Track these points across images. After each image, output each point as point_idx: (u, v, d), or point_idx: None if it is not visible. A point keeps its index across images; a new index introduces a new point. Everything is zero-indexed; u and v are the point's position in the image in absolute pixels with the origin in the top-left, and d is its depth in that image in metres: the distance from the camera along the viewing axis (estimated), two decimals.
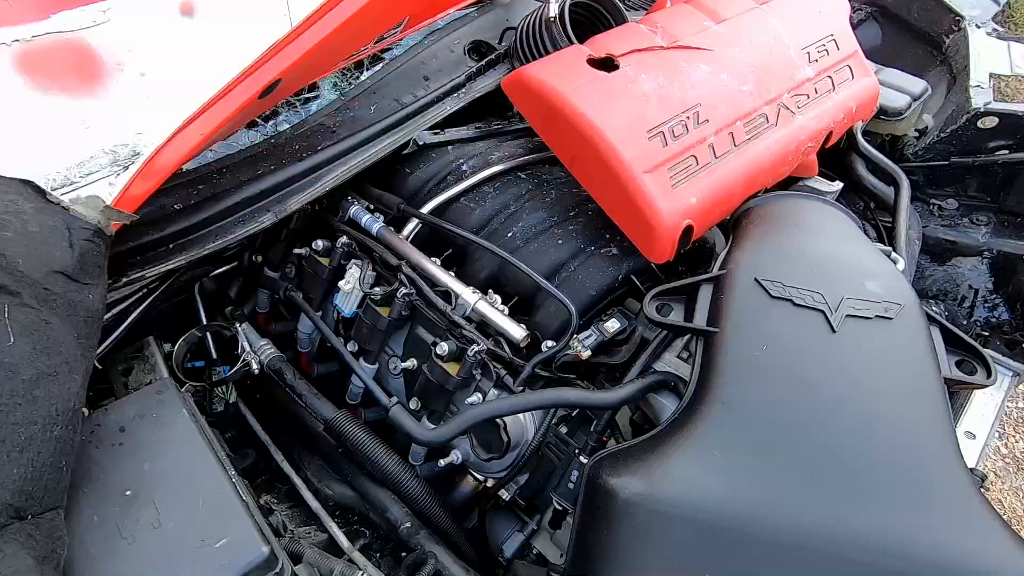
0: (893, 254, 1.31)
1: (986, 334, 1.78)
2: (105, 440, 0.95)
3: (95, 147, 1.17)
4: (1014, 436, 3.15)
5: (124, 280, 1.25)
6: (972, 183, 1.80)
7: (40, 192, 0.98)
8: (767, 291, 1.06)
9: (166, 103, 1.17)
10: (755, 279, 1.08)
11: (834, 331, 1.00)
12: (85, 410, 1.01)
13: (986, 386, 1.06)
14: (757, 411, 0.94)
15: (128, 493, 0.88)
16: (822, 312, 1.02)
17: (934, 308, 1.81)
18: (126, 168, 1.12)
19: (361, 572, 1.05)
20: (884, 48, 2.17)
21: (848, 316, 1.02)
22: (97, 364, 1.24)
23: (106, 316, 1.30)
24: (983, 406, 1.72)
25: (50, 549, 0.75)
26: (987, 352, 1.07)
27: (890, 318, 1.02)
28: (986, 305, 1.81)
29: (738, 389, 0.96)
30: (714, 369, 0.99)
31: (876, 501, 0.86)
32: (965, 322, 1.81)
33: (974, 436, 1.57)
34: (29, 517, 0.73)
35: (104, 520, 0.85)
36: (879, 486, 0.87)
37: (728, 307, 1.06)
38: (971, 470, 0.93)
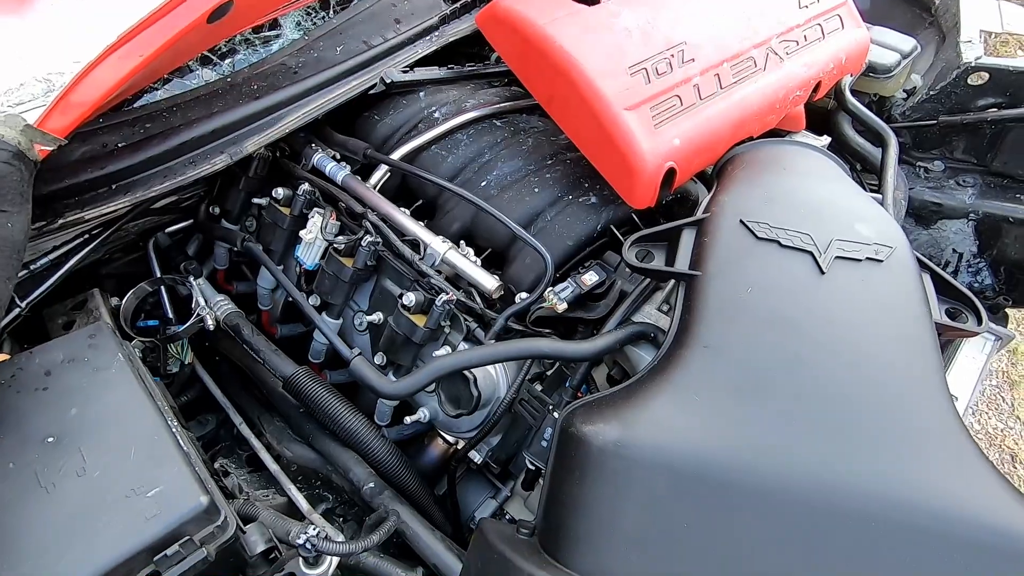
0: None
1: None
2: (27, 384, 0.85)
3: (26, 74, 1.07)
4: (987, 413, 3.17)
5: (60, 222, 1.15)
6: (959, 144, 1.76)
7: None
8: (753, 232, 1.00)
9: (108, 30, 1.07)
10: (740, 221, 1.01)
11: (823, 273, 0.95)
12: (3, 355, 0.91)
13: (977, 333, 1.02)
14: (741, 354, 0.88)
15: (50, 440, 0.80)
16: (810, 254, 0.97)
17: None
18: None
19: (319, 530, 0.98)
20: (872, 11, 2.11)
21: (837, 258, 0.96)
22: (18, 303, 1.12)
23: (42, 261, 1.21)
24: (964, 370, 1.69)
25: None
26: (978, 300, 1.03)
27: (881, 260, 0.97)
28: (970, 269, 1.78)
29: (721, 332, 0.90)
30: (696, 313, 0.93)
31: (865, 447, 0.80)
32: None
33: (956, 399, 1.54)
34: None
35: (20, 468, 0.76)
36: (868, 432, 0.82)
37: (711, 249, 0.99)
38: None
